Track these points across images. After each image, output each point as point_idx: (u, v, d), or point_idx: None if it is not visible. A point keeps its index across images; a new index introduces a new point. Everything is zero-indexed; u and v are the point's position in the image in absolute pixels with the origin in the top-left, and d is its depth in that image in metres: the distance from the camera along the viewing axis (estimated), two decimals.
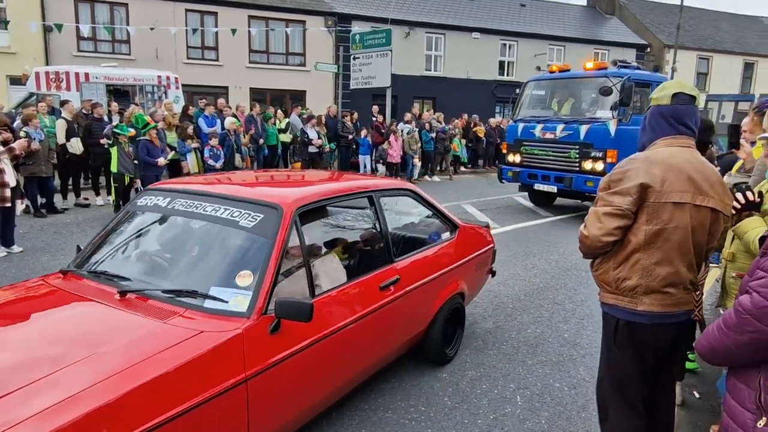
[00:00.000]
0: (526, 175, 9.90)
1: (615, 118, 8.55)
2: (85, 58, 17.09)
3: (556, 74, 9.91)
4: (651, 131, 2.22)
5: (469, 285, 4.16)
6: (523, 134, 9.87)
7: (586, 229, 2.18)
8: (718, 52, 28.07)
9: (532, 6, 27.29)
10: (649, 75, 9.42)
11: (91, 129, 9.36)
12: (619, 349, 2.22)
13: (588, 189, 8.87)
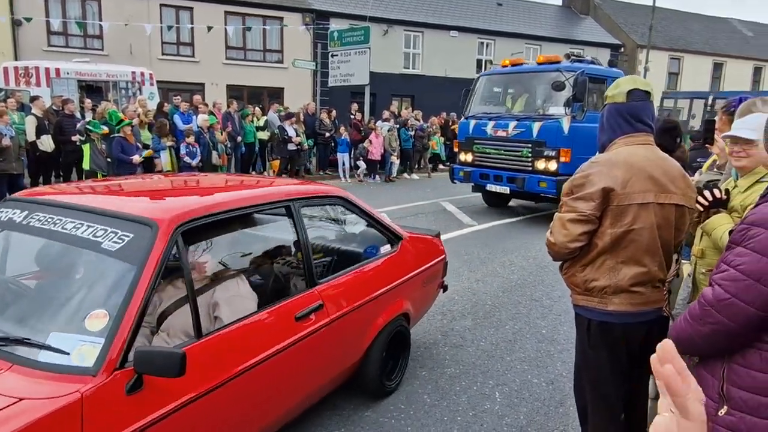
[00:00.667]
0: (478, 175, 9.44)
1: (568, 114, 8.12)
2: (55, 53, 16.66)
3: (508, 68, 9.42)
4: (610, 130, 2.22)
5: (415, 304, 3.65)
6: (475, 132, 9.41)
7: (552, 236, 2.19)
8: (688, 52, 28.70)
9: (509, 5, 27.51)
10: (605, 70, 9.03)
11: (63, 126, 9.16)
12: (593, 349, 2.24)
13: (541, 190, 8.50)
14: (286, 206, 2.82)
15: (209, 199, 2.52)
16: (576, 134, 8.08)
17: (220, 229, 2.67)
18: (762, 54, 30.80)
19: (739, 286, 1.41)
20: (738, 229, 1.47)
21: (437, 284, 4.05)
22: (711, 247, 2.62)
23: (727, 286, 1.44)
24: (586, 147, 7.80)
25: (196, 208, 2.32)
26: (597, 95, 8.60)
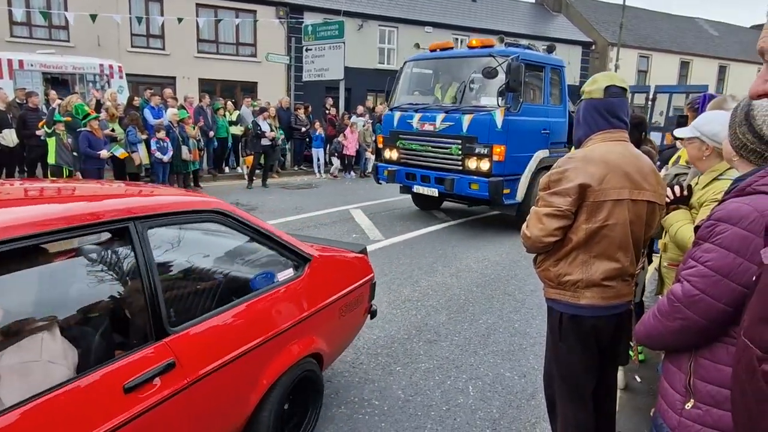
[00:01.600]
0: (403, 175, 8.31)
1: (502, 106, 7.17)
2: (19, 44, 16.09)
3: (436, 53, 8.38)
4: (586, 126, 2.23)
5: (331, 339, 2.97)
6: (400, 125, 8.29)
7: (528, 230, 2.20)
8: (657, 50, 29.32)
9: (483, 2, 27.68)
10: (543, 57, 8.05)
11: (26, 120, 8.87)
12: (564, 342, 2.27)
13: (472, 193, 7.50)
14: (121, 228, 2.03)
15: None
16: (511, 129, 7.28)
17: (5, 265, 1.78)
18: (727, 53, 31.70)
19: (708, 282, 1.43)
20: (705, 225, 1.48)
21: (362, 310, 3.33)
22: (672, 242, 2.69)
23: (695, 282, 1.46)
24: (522, 143, 7.54)
25: None
26: (535, 85, 7.98)
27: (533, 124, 7.67)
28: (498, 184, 7.22)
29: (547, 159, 7.95)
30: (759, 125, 1.48)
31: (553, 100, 8.27)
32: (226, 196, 10.23)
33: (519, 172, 7.64)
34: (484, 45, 7.70)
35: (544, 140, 7.96)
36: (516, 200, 7.68)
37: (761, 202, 1.38)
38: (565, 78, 8.48)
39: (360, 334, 4.19)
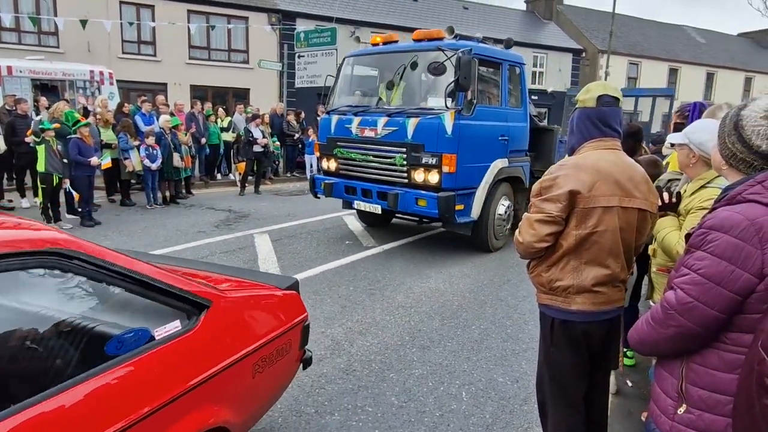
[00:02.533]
0: (342, 188, 7.17)
1: (452, 108, 6.13)
2: (7, 50, 15.96)
3: (378, 48, 7.32)
4: (579, 134, 2.27)
5: (242, 404, 2.28)
6: (338, 131, 7.18)
7: (520, 235, 2.24)
8: (646, 58, 29.65)
9: (474, 9, 27.91)
10: (501, 52, 7.09)
11: (15, 126, 8.78)
12: (555, 347, 2.29)
13: (419, 210, 6.42)
14: None
15: None
16: (463, 135, 6.26)
17: None
18: (714, 60, 32.12)
19: (701, 289, 1.45)
20: (696, 233, 1.50)
21: (291, 360, 2.65)
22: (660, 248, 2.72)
23: (689, 290, 1.47)
24: (477, 152, 6.54)
25: None
26: (491, 85, 7.02)
27: (489, 129, 6.74)
28: (449, 199, 6.19)
29: (506, 169, 7.10)
30: (748, 135, 1.50)
31: (513, 102, 7.31)
32: (219, 202, 10.21)
33: (474, 185, 6.63)
34: (431, 37, 6.69)
35: (503, 148, 7.01)
36: (471, 218, 6.68)
37: (752, 211, 1.40)
38: (526, 77, 7.58)
39: (353, 341, 4.20)
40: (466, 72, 5.95)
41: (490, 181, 6.82)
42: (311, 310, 4.81)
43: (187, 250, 6.77)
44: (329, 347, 4.12)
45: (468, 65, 5.96)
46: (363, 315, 4.81)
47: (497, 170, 6.91)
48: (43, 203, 7.63)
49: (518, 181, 7.48)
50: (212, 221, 8.57)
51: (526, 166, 7.60)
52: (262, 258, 6.52)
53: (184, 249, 6.80)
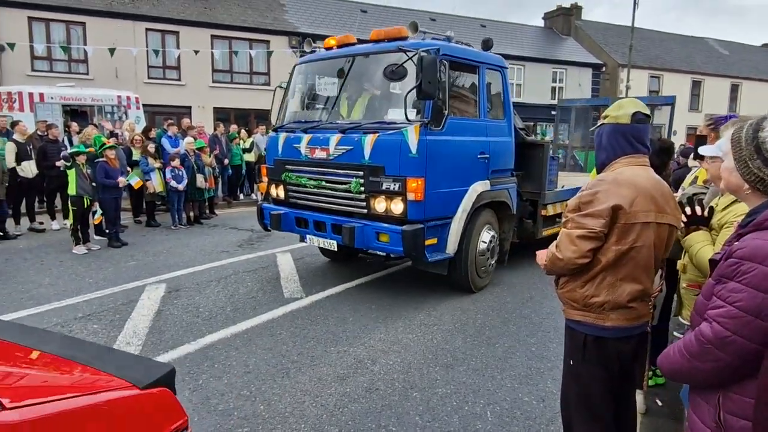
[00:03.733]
0: (292, 220, 6.03)
1: (416, 121, 5.07)
2: (39, 78, 16.60)
3: (332, 52, 6.12)
4: (611, 149, 2.25)
5: None
6: (285, 152, 6.05)
7: (559, 252, 2.19)
8: (668, 70, 29.36)
9: (492, 26, 28.05)
10: (476, 53, 5.94)
11: (46, 151, 9.05)
12: (586, 364, 2.25)
13: (382, 247, 5.33)
14: None
15: None
16: (432, 153, 5.15)
17: None
18: (738, 72, 31.64)
19: (739, 323, 1.41)
20: (727, 263, 1.47)
21: None
22: (691, 263, 2.66)
23: (725, 323, 1.44)
24: (451, 173, 5.42)
25: None
26: (466, 92, 5.92)
27: (465, 145, 5.60)
28: (416, 233, 5.06)
29: (488, 193, 5.90)
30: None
31: (494, 113, 6.18)
32: (241, 222, 10.34)
33: (448, 214, 5.50)
34: (392, 37, 5.49)
35: (482, 168, 5.82)
36: (446, 254, 5.50)
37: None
38: (508, 83, 6.46)
39: (375, 360, 4.18)
40: (430, 75, 4.82)
41: (468, 208, 5.63)
42: (333, 328, 4.84)
43: (210, 269, 6.85)
44: (352, 366, 4.11)
45: (432, 67, 4.84)
46: (385, 333, 4.79)
47: (477, 195, 5.72)
48: (73, 225, 7.82)
49: (503, 206, 6.28)
50: (235, 241, 8.68)
51: (513, 188, 6.39)
52: (284, 277, 6.57)
53: (208, 269, 6.89)
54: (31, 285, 6.08)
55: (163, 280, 6.32)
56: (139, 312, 5.23)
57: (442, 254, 5.48)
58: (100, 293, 5.82)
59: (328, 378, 3.90)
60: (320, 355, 4.29)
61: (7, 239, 8.46)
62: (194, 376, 3.88)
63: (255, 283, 6.30)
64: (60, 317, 5.06)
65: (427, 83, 4.81)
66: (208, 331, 4.74)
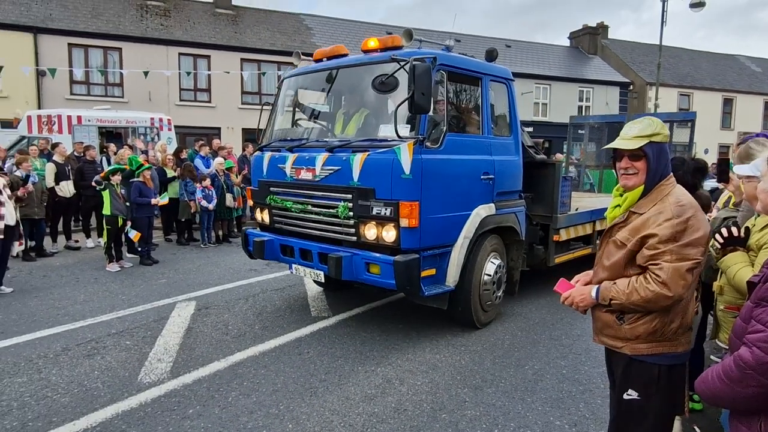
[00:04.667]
0: (277, 247, 5.54)
1: (410, 138, 4.52)
2: (77, 101, 17.27)
3: (321, 64, 5.57)
4: (665, 169, 2.15)
5: None
6: (270, 173, 5.57)
7: (668, 289, 1.99)
8: (698, 88, 28.90)
9: (517, 47, 28.13)
10: (477, 63, 5.42)
11: (84, 171, 9.38)
12: (658, 396, 2.15)
13: (372, 279, 4.72)
14: None
15: None
16: (429, 174, 4.64)
17: None
18: None
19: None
20: (767, 286, 1.45)
21: None
22: (729, 284, 2.59)
23: (766, 348, 1.41)
24: (450, 196, 4.90)
25: None
26: (468, 107, 5.42)
27: (467, 165, 5.09)
28: (410, 265, 4.51)
29: (493, 218, 5.34)
30: None
31: (499, 129, 5.65)
32: None
33: (448, 241, 4.96)
34: (386, 47, 5.03)
35: (486, 189, 5.29)
36: (447, 287, 4.92)
37: None
38: (515, 97, 5.90)
39: (403, 380, 4.16)
40: (424, 86, 4.33)
41: (470, 235, 5.09)
42: (361, 347, 4.84)
43: (239, 287, 6.94)
44: (379, 386, 4.09)
45: (426, 77, 4.35)
46: (413, 353, 4.76)
47: (480, 220, 5.18)
48: (107, 243, 8.04)
49: (511, 232, 5.71)
50: (263, 260, 8.77)
51: (521, 212, 5.83)
52: (311, 296, 6.60)
53: (237, 287, 6.98)
54: (67, 301, 6.25)
55: (193, 298, 6.42)
56: (170, 329, 5.32)
57: (441, 287, 4.90)
58: (132, 310, 5.94)
59: (355, 397, 3.89)
60: (348, 374, 4.29)
61: (44, 256, 8.73)
62: (224, 394, 3.91)
63: (283, 301, 6.35)
64: (94, 333, 5.18)
65: (420, 95, 4.33)
66: (237, 349, 4.79)
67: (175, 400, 3.82)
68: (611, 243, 2.21)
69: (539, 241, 6.34)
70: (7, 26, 17.28)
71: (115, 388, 3.99)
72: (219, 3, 22.71)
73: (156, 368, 4.36)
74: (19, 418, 3.54)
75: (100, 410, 3.65)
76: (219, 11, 22.39)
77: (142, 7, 20.86)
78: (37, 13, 18.35)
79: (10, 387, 4.00)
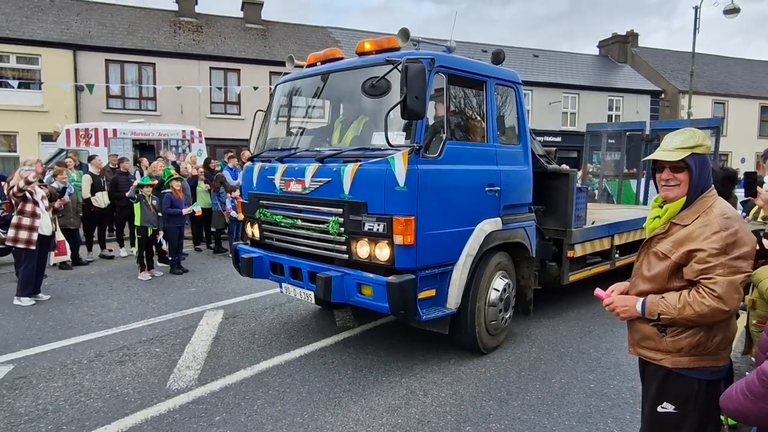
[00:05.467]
0: (267, 265, 5.20)
1: (404, 147, 4.14)
2: (113, 114, 17.86)
3: (313, 69, 5.28)
4: (707, 181, 2.11)
5: None
6: (260, 185, 5.27)
7: (724, 304, 1.95)
8: (733, 96, 28.16)
9: (545, 56, 27.93)
10: (483, 66, 4.99)
11: (118, 183, 9.69)
12: (696, 412, 2.10)
13: (365, 302, 4.33)
14: None
15: None
16: (427, 187, 4.23)
17: None
18: None
19: None
20: None
21: None
22: (761, 298, 2.53)
23: None
24: (450, 211, 4.48)
25: None
26: (471, 112, 4.99)
27: (469, 176, 4.67)
28: (404, 287, 4.09)
29: (500, 234, 4.91)
30: None
31: (506, 137, 5.25)
32: None
33: (449, 259, 4.53)
34: (382, 48, 4.67)
35: (492, 202, 4.87)
36: (447, 310, 4.50)
37: None
38: (523, 102, 5.49)
39: (427, 391, 4.14)
40: (417, 89, 3.96)
41: (474, 252, 4.66)
42: (385, 357, 4.84)
43: (266, 297, 7.03)
44: (403, 396, 4.08)
45: (419, 79, 3.98)
46: (437, 364, 4.74)
47: (485, 236, 4.75)
48: (139, 252, 8.26)
49: (520, 247, 5.27)
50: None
51: (531, 227, 5.37)
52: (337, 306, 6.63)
53: (264, 296, 7.07)
54: (101, 309, 6.43)
55: (221, 307, 6.53)
56: (198, 337, 5.42)
57: (440, 310, 4.46)
58: (162, 318, 6.08)
59: (379, 408, 3.89)
60: (372, 385, 4.29)
61: (80, 265, 9.02)
62: (250, 402, 3.96)
63: (309, 311, 6.40)
64: (126, 340, 5.32)
65: (414, 99, 3.94)
66: (264, 357, 4.85)
67: (202, 407, 3.89)
68: (651, 254, 2.17)
69: (552, 257, 5.84)
70: (49, 44, 18.03)
71: (145, 394, 4.09)
72: (249, 18, 23.25)
73: (184, 375, 4.45)
74: (54, 422, 3.65)
75: (130, 416, 3.75)
76: (249, 26, 22.92)
77: (176, 23, 21.51)
78: (77, 31, 19.11)
79: (46, 391, 4.14)
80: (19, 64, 18.10)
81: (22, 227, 6.57)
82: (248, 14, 23.38)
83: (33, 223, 6.62)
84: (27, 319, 6.00)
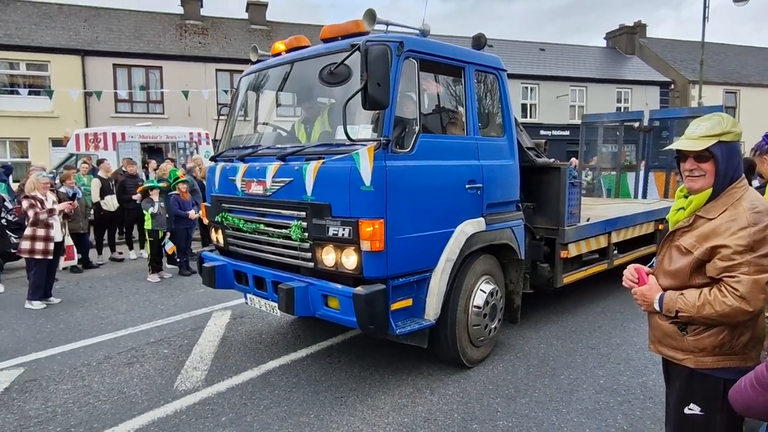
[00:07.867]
0: (231, 274, 4.78)
1: (370, 141, 3.71)
2: (122, 118, 18.01)
3: (277, 59, 4.80)
4: (737, 171, 1.99)
5: None
6: (222, 186, 4.81)
7: (748, 304, 1.85)
8: (744, 85, 27.76)
9: (552, 50, 27.72)
10: (460, 51, 4.50)
11: (126, 185, 9.74)
12: (722, 413, 2.01)
13: (332, 315, 3.88)
14: None
15: None
16: (397, 186, 3.78)
17: None
18: None
19: None
20: None
21: None
22: None
23: None
24: (425, 212, 4.02)
25: None
26: (449, 102, 4.58)
27: (446, 172, 4.20)
28: (372, 298, 3.64)
29: (483, 235, 4.46)
30: None
31: (489, 129, 4.80)
32: None
33: (425, 266, 4.07)
34: (348, 33, 4.19)
35: (473, 201, 4.40)
36: (425, 321, 4.05)
37: None
38: (507, 90, 4.94)
39: (434, 389, 4.11)
40: (379, 75, 3.52)
41: (454, 257, 4.20)
42: (391, 356, 4.82)
43: None
44: (410, 395, 4.06)
45: (381, 63, 3.54)
46: (445, 362, 4.70)
47: (466, 238, 4.29)
48: (151, 255, 8.32)
49: (507, 249, 4.83)
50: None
51: (519, 226, 4.90)
52: None
53: None
54: (110, 311, 6.48)
55: (228, 307, 6.55)
56: (206, 338, 5.44)
57: (417, 322, 3.99)
58: (170, 319, 6.11)
59: (385, 407, 3.87)
60: (378, 383, 4.27)
61: (90, 268, 9.10)
62: (256, 402, 3.96)
63: None
64: (134, 342, 5.35)
65: (376, 86, 3.49)
66: (270, 357, 4.85)
67: (209, 407, 3.89)
68: (674, 248, 2.06)
69: (544, 258, 5.39)
70: (58, 50, 18.22)
71: (153, 396, 4.10)
72: (253, 19, 23.33)
73: (191, 376, 4.46)
74: (63, 424, 3.68)
75: (138, 417, 3.76)
76: (254, 27, 23.00)
77: (182, 26, 21.63)
78: (85, 36, 19.29)
79: (56, 394, 4.17)
80: (29, 71, 18.33)
81: (37, 238, 6.64)
82: (253, 15, 23.47)
83: (48, 234, 6.70)
84: (38, 323, 6.06)
